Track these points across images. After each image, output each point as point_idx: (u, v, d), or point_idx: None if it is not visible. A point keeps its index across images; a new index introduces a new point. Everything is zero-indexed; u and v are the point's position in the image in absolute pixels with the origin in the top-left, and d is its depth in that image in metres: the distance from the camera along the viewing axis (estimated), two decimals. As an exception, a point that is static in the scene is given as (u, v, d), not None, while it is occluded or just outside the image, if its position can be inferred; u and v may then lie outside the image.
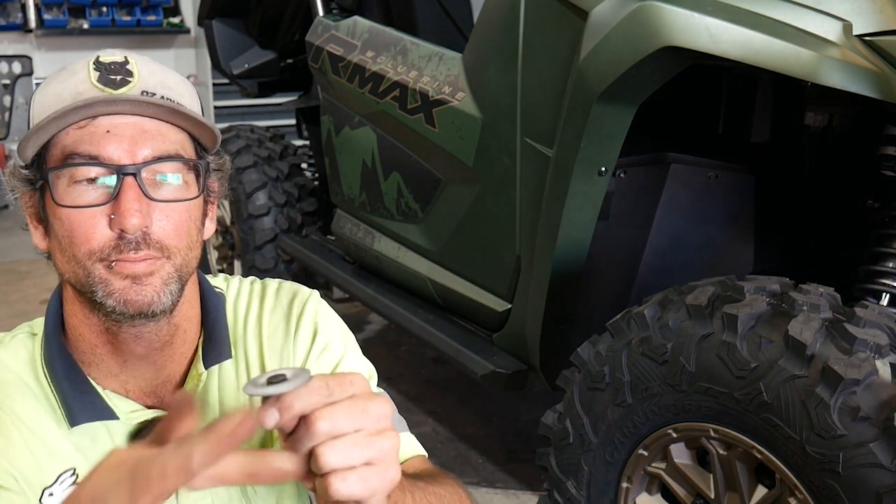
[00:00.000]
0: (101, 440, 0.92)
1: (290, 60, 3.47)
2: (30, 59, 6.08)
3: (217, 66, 3.55)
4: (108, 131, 0.85)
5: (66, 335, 0.93)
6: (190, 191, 0.90)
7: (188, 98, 0.92)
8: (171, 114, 0.87)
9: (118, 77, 0.87)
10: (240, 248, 3.26)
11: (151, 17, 6.21)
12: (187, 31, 6.40)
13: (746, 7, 1.40)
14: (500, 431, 2.77)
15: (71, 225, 0.85)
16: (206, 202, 0.95)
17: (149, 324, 0.89)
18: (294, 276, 3.18)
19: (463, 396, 2.99)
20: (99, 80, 0.86)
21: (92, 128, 0.85)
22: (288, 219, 3.16)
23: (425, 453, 1.05)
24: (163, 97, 0.87)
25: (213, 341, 0.98)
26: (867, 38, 1.32)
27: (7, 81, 6.01)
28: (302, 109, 3.46)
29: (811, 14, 1.36)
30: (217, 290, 1.03)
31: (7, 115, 5.94)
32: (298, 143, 3.60)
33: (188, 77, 5.95)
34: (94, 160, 0.84)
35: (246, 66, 3.46)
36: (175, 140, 0.89)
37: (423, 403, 2.93)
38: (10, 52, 6.06)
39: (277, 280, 1.08)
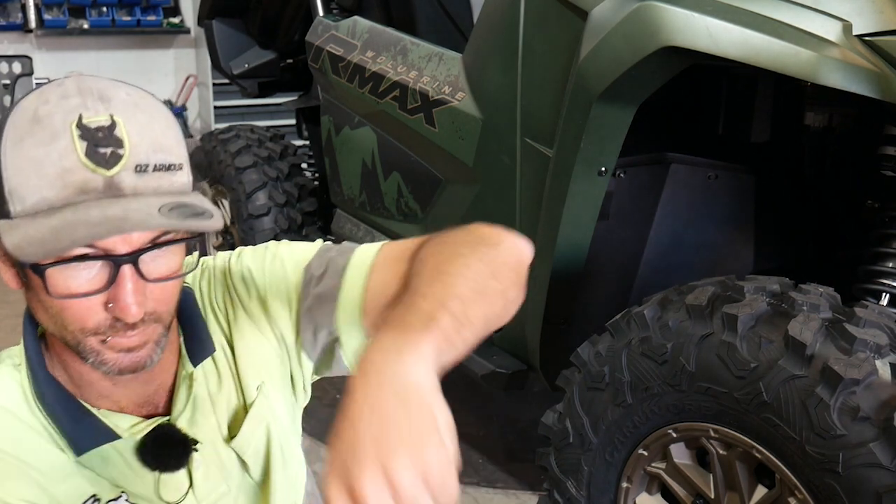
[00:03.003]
0: (112, 458, 0.91)
1: (290, 60, 3.47)
2: (30, 59, 6.07)
3: (217, 66, 3.55)
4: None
5: (48, 357, 0.91)
6: (181, 259, 0.86)
7: (176, 150, 0.83)
8: (172, 228, 0.80)
9: (108, 150, 0.77)
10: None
11: (151, 17, 6.20)
12: (187, 31, 6.39)
13: (746, 7, 1.40)
14: (500, 431, 2.77)
15: (62, 305, 0.80)
16: None
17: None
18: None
19: (463, 396, 2.99)
20: (87, 156, 0.76)
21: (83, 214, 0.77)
22: (288, 219, 3.16)
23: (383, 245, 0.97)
24: (155, 166, 0.79)
25: (195, 339, 0.97)
26: (867, 38, 1.32)
27: (7, 81, 6.01)
28: (302, 109, 3.46)
29: (811, 14, 1.36)
30: (184, 285, 0.98)
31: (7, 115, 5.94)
32: (298, 143, 3.60)
33: (187, 78, 5.86)
34: (89, 249, 0.78)
35: (246, 66, 3.46)
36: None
37: (423, 403, 2.92)
38: (10, 52, 6.05)
39: (207, 258, 1.04)
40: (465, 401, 2.96)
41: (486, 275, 0.79)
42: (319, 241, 1.04)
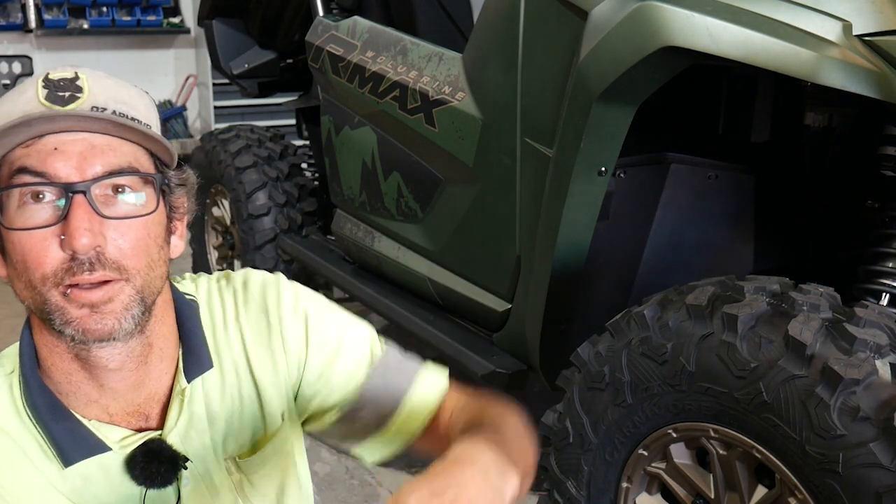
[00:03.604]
0: (94, 477, 0.90)
1: (290, 60, 3.47)
2: (30, 59, 6.07)
3: (217, 66, 3.55)
4: (55, 148, 0.81)
5: (40, 367, 0.90)
6: (146, 206, 0.86)
7: (143, 112, 0.87)
8: (121, 128, 0.83)
9: (66, 94, 0.82)
10: (240, 248, 3.26)
11: (151, 17, 6.20)
12: (187, 31, 6.39)
13: (746, 7, 1.40)
14: (500, 431, 2.76)
15: (23, 248, 0.81)
16: (170, 219, 0.91)
17: (117, 345, 0.86)
18: (294, 276, 3.16)
19: (463, 396, 2.98)
20: (46, 98, 0.82)
21: (39, 146, 0.81)
22: (288, 219, 3.16)
23: (446, 383, 1.07)
24: (114, 112, 0.83)
25: (193, 354, 0.96)
26: (867, 38, 1.32)
27: (7, 81, 6.00)
28: (302, 109, 3.46)
29: (811, 14, 1.36)
30: (188, 297, 1.00)
31: (7, 115, 5.94)
32: (298, 143, 3.60)
33: (187, 78, 5.88)
34: (41, 177, 0.80)
35: (246, 66, 3.46)
36: (127, 153, 0.84)
37: (423, 403, 2.92)
38: (10, 52, 6.05)
39: (239, 272, 1.05)
40: (465, 401, 2.95)
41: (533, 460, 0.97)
42: (374, 342, 1.08)
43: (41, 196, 0.81)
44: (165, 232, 0.90)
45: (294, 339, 1.01)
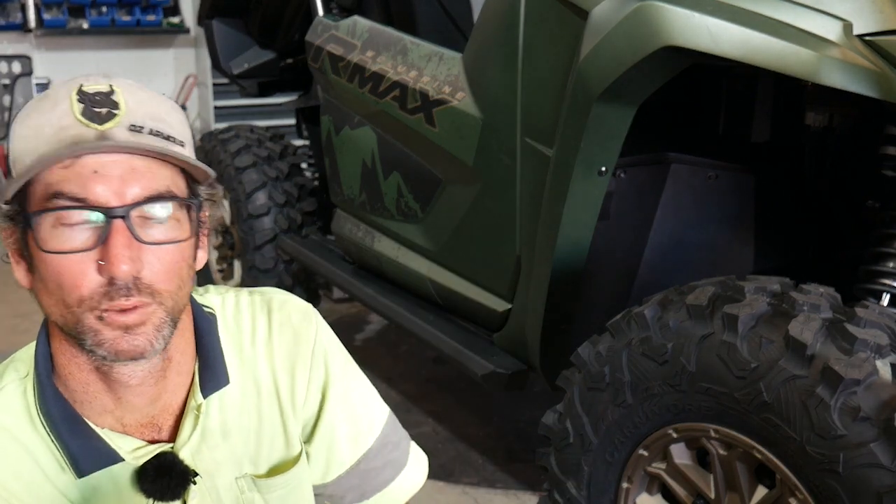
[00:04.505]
0: (103, 488, 0.89)
1: (290, 60, 3.47)
2: (29, 58, 6.06)
3: (217, 66, 3.55)
4: (95, 171, 0.79)
5: (56, 373, 0.89)
6: (182, 229, 0.84)
7: (178, 128, 0.86)
8: (161, 152, 0.81)
9: (103, 110, 0.80)
10: (240, 248, 3.26)
11: (151, 17, 6.19)
12: (187, 31, 6.38)
13: (746, 7, 1.40)
14: (500, 431, 2.77)
15: (58, 270, 0.80)
16: (197, 235, 0.90)
17: (141, 362, 0.86)
18: (294, 276, 3.18)
19: (463, 396, 2.99)
20: (83, 114, 0.80)
21: (78, 167, 0.79)
22: (288, 219, 3.16)
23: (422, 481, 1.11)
24: (151, 130, 0.82)
25: (209, 369, 0.95)
26: (867, 38, 1.32)
27: (7, 81, 6.00)
28: (302, 109, 3.46)
29: (811, 14, 1.36)
30: (207, 310, 0.99)
31: (6, 115, 5.94)
32: (298, 143, 3.60)
33: (187, 78, 5.88)
34: (81, 202, 0.79)
35: (246, 66, 3.46)
36: (166, 177, 0.83)
37: (423, 403, 2.93)
38: (9, 52, 6.05)
39: (276, 291, 1.05)
40: (465, 401, 2.96)
41: None
42: (381, 421, 1.09)
43: (78, 219, 0.79)
44: (194, 250, 0.90)
45: (317, 379, 1.01)
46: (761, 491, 1.42)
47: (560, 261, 1.78)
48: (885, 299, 1.59)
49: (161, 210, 0.82)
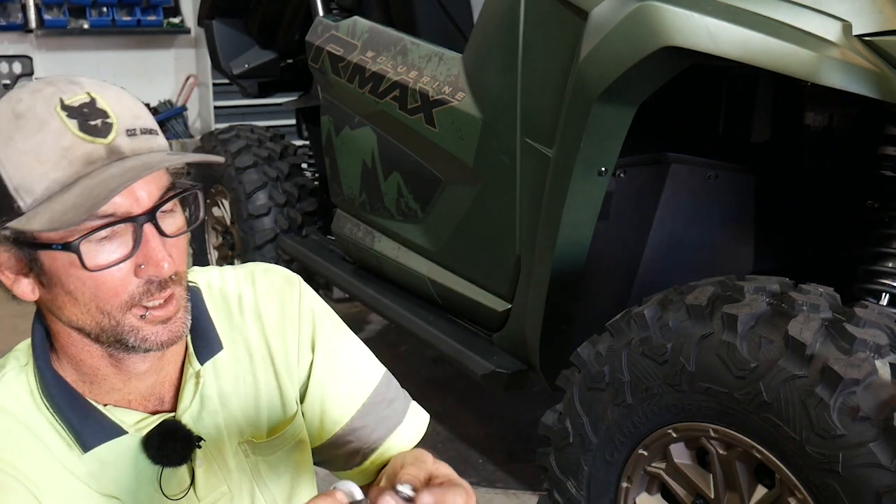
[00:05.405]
0: (110, 461, 0.92)
1: (290, 60, 3.47)
2: (30, 59, 6.06)
3: (217, 66, 3.55)
4: None
5: (55, 359, 0.92)
6: (180, 211, 0.89)
7: (147, 116, 0.87)
8: (179, 159, 0.85)
9: (98, 121, 0.81)
10: (240, 248, 3.26)
11: (151, 17, 6.19)
12: (187, 31, 6.38)
13: (746, 7, 1.40)
14: (500, 431, 2.77)
15: (96, 283, 0.82)
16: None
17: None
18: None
19: (463, 396, 2.99)
20: (81, 130, 0.80)
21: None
22: (288, 219, 3.16)
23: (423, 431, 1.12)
24: (142, 130, 0.84)
25: (201, 337, 0.98)
26: (867, 38, 1.32)
27: (7, 82, 6.00)
28: (302, 109, 3.46)
29: (811, 14, 1.36)
30: (191, 283, 1.00)
31: (7, 115, 5.94)
32: (298, 143, 3.60)
33: (188, 78, 5.88)
34: (110, 217, 0.81)
35: (246, 66, 3.46)
36: (165, 173, 0.87)
37: (423, 403, 2.90)
38: (10, 53, 6.05)
39: (259, 263, 1.08)
40: (465, 401, 2.96)
41: None
42: (378, 374, 1.10)
43: (110, 233, 0.82)
44: None
45: (306, 338, 1.04)
46: (761, 490, 1.42)
47: (560, 261, 1.78)
48: (885, 299, 1.59)
49: (170, 203, 0.86)
